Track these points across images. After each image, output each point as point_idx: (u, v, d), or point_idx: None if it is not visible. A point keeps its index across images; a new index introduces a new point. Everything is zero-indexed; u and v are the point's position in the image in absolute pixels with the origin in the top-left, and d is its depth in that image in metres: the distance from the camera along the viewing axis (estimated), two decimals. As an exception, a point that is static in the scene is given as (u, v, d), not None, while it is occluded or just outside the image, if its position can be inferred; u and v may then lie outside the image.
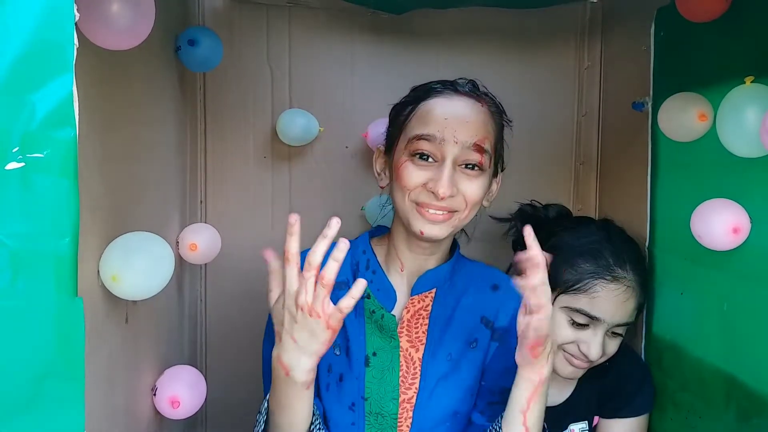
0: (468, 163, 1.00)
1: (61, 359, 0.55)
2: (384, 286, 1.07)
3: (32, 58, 0.53)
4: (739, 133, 0.91)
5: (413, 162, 1.00)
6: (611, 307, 1.14)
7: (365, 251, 1.11)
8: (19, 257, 0.53)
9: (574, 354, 1.16)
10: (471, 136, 0.99)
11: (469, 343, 1.07)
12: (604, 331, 1.14)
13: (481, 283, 1.12)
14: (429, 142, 0.98)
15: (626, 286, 1.15)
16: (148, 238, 0.81)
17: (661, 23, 1.21)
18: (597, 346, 1.13)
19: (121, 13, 0.68)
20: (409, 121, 1.03)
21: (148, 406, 1.04)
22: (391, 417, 1.03)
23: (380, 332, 1.05)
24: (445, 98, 1.02)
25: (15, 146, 0.52)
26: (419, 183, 0.99)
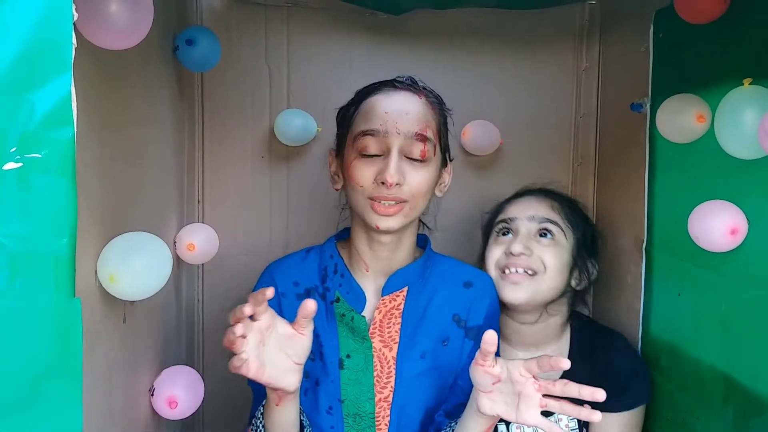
0: (412, 156, 1.03)
1: (58, 359, 0.55)
2: (353, 288, 1.09)
3: (31, 57, 0.53)
4: (737, 134, 0.91)
5: (361, 159, 1.03)
6: (520, 207, 1.25)
7: (332, 255, 1.13)
8: (17, 257, 0.53)
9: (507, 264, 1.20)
10: (412, 125, 1.02)
11: (441, 341, 1.09)
12: (525, 231, 1.21)
13: (454, 280, 1.14)
14: (373, 137, 1.02)
15: (532, 195, 1.27)
16: (146, 239, 0.81)
17: (660, 25, 1.21)
18: (518, 241, 1.20)
19: (119, 13, 0.68)
20: (354, 120, 1.07)
21: (146, 406, 1.03)
22: (368, 417, 1.05)
23: (352, 334, 1.07)
24: (384, 94, 1.06)
25: (13, 146, 0.52)
26: (370, 178, 1.01)
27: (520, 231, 1.22)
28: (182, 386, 1.05)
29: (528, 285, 1.18)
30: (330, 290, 1.10)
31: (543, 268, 1.19)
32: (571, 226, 1.24)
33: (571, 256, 1.22)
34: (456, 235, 1.46)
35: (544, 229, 1.21)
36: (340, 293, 1.09)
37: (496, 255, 1.24)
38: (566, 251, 1.22)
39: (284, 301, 1.09)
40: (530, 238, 1.21)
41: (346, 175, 1.06)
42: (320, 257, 1.14)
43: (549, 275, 1.19)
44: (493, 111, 1.49)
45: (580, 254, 1.24)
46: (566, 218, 1.24)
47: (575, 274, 1.24)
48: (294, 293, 1.10)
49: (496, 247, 1.24)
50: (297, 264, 1.14)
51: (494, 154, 1.50)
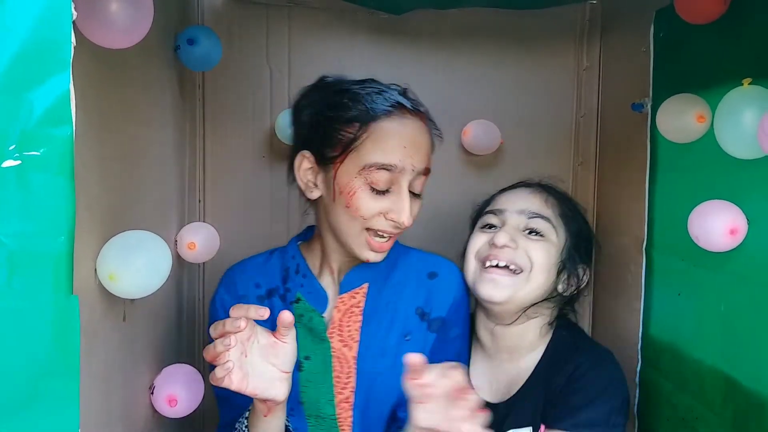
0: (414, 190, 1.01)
1: (56, 358, 0.55)
2: (314, 288, 1.07)
3: (30, 56, 0.53)
4: (737, 134, 0.91)
5: (370, 193, 0.97)
6: (512, 197, 1.17)
7: (294, 256, 1.11)
8: (15, 255, 0.53)
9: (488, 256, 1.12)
10: (423, 161, 1.00)
11: (403, 336, 1.06)
12: (513, 225, 1.13)
13: (418, 272, 1.11)
14: (389, 172, 0.97)
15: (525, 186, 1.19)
16: (146, 237, 0.81)
17: (661, 25, 1.21)
18: (503, 232, 1.12)
19: (119, 12, 0.68)
20: (361, 143, 0.97)
21: (146, 404, 1.04)
22: (330, 419, 1.04)
23: (311, 335, 1.05)
24: (398, 123, 0.99)
25: (12, 144, 0.52)
26: (376, 213, 0.98)
27: (507, 223, 1.14)
28: (182, 384, 1.05)
29: (509, 283, 1.10)
30: (291, 291, 1.08)
31: (529, 265, 1.10)
32: (564, 224, 1.16)
33: (561, 256, 1.14)
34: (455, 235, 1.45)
35: (533, 227, 1.13)
36: (301, 293, 1.07)
37: (477, 245, 1.15)
38: (556, 250, 1.13)
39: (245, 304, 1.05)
40: (517, 232, 1.13)
41: (341, 199, 0.99)
42: (282, 258, 1.12)
43: (534, 274, 1.11)
44: (494, 110, 1.49)
45: (570, 257, 1.15)
46: (560, 216, 1.16)
47: (563, 277, 1.14)
48: (255, 295, 1.09)
49: (478, 237, 1.16)
50: (259, 265, 1.12)
51: (495, 154, 1.50)
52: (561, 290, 1.15)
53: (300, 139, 1.08)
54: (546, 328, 1.17)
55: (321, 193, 1.04)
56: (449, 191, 1.46)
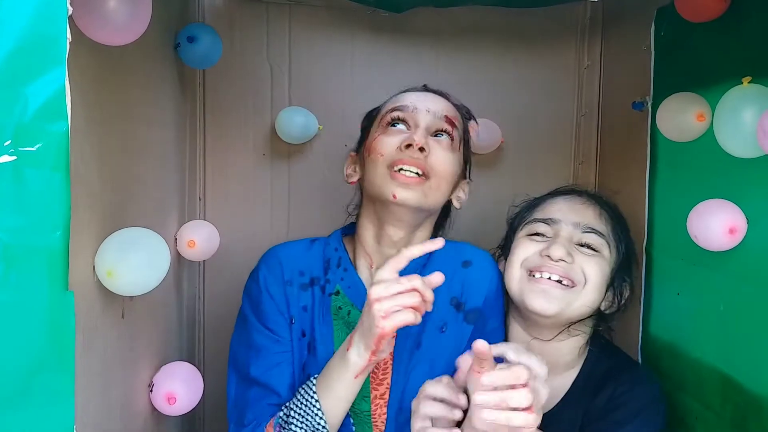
0: (440, 130, 1.03)
1: (52, 353, 0.56)
2: (354, 283, 1.06)
3: (25, 51, 0.53)
4: (736, 133, 0.91)
5: (386, 132, 1.03)
6: (566, 207, 1.11)
7: (337, 248, 1.10)
8: (11, 250, 0.53)
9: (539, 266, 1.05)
10: (442, 107, 1.05)
11: (438, 328, 1.04)
12: (567, 237, 1.07)
13: (452, 261, 1.08)
14: (402, 111, 1.03)
15: (579, 195, 1.14)
16: (144, 234, 0.81)
17: (661, 23, 1.21)
18: (558, 244, 1.05)
19: (117, 10, 0.68)
20: (382, 108, 1.08)
21: (145, 401, 1.04)
22: (365, 415, 1.02)
23: (348, 329, 1.02)
24: (417, 92, 1.09)
25: (7, 139, 0.52)
26: (394, 146, 1.00)
27: (560, 235, 1.07)
28: (181, 382, 1.05)
29: (561, 296, 1.04)
30: (330, 282, 1.07)
31: (583, 281, 1.05)
32: (615, 241, 1.10)
33: (612, 273, 1.08)
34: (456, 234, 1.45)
35: (587, 242, 1.07)
36: (341, 287, 1.06)
37: (525, 253, 1.08)
38: (608, 267, 1.08)
39: (290, 290, 1.06)
40: (571, 245, 1.07)
41: (366, 156, 1.04)
42: (324, 249, 1.10)
43: (588, 290, 1.05)
44: (495, 109, 1.48)
45: (619, 273, 1.10)
46: (612, 231, 1.10)
47: (609, 294, 1.09)
48: (299, 282, 1.07)
49: (526, 245, 1.09)
50: (302, 252, 1.10)
51: (495, 153, 1.50)
52: (604, 308, 1.10)
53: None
54: (584, 347, 1.13)
55: (359, 175, 1.08)
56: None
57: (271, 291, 1.06)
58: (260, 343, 1.04)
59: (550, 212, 1.11)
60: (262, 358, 1.03)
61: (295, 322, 1.05)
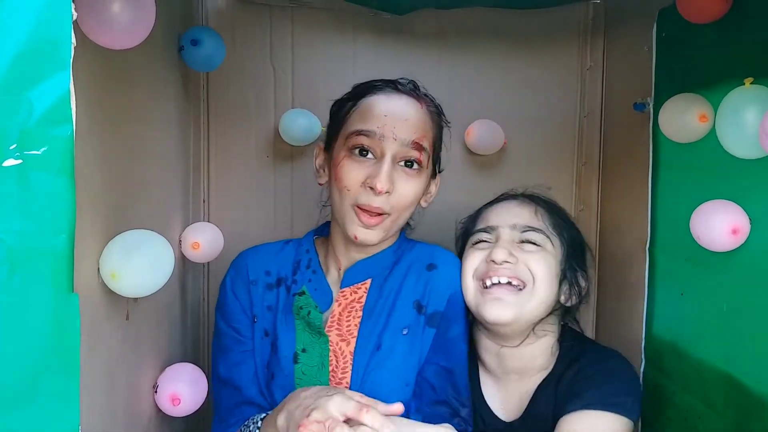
0: (407, 160, 1.00)
1: (56, 355, 0.56)
2: (321, 286, 1.07)
3: (30, 55, 0.53)
4: (739, 134, 0.91)
5: (352, 158, 0.99)
6: (502, 212, 1.13)
7: (308, 250, 1.12)
8: (16, 254, 0.54)
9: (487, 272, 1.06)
10: (410, 133, 0.99)
11: (400, 330, 1.04)
12: (508, 239, 1.09)
13: (419, 264, 1.09)
14: (368, 137, 0.98)
15: (513, 198, 1.16)
16: (148, 236, 0.82)
17: (663, 24, 1.21)
18: (499, 247, 1.07)
19: (121, 13, 0.69)
20: (349, 116, 1.03)
21: (149, 403, 1.04)
22: None
23: (309, 329, 1.05)
24: (386, 95, 1.02)
25: (12, 143, 0.53)
26: (359, 180, 0.98)
27: (501, 238, 1.10)
28: (185, 383, 1.06)
29: (514, 301, 1.05)
30: (297, 283, 1.08)
31: (531, 278, 1.06)
32: (557, 234, 1.12)
33: (560, 266, 1.10)
34: (459, 234, 1.46)
35: (527, 239, 1.09)
36: (307, 288, 1.07)
37: (473, 263, 1.09)
38: (554, 260, 1.09)
39: (254, 290, 1.08)
40: (513, 245, 1.08)
41: (332, 174, 1.02)
42: (296, 250, 1.12)
43: (538, 286, 1.06)
44: (497, 110, 1.49)
45: (569, 265, 1.11)
46: (552, 225, 1.12)
47: (564, 287, 1.11)
48: (265, 282, 1.09)
49: (473, 255, 1.10)
50: (272, 253, 1.12)
51: (498, 154, 1.51)
52: (563, 301, 1.12)
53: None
54: (555, 345, 1.14)
55: (327, 177, 1.07)
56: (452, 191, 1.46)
57: (236, 291, 1.09)
58: (226, 344, 1.08)
59: (489, 220, 1.14)
60: (228, 358, 1.07)
61: (258, 321, 1.07)
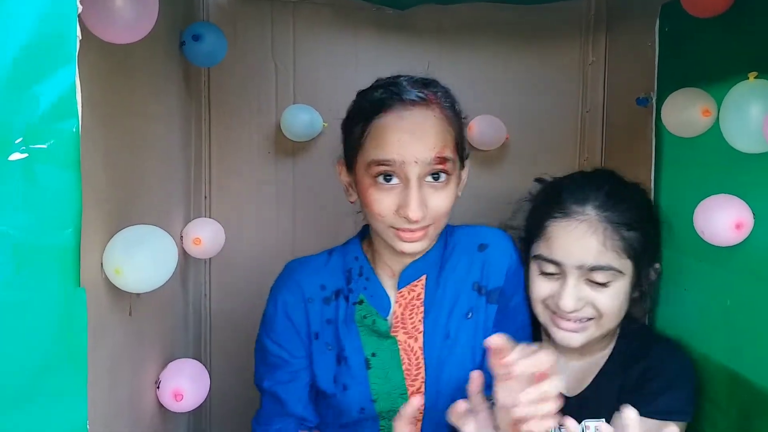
0: (433, 173, 0.96)
1: (63, 351, 0.56)
2: (378, 293, 1.06)
3: (35, 50, 0.53)
4: (743, 128, 0.91)
5: (377, 186, 0.95)
6: (566, 245, 1.04)
7: (357, 257, 1.08)
8: (22, 248, 0.54)
9: (556, 315, 1.07)
10: (429, 151, 0.94)
11: (464, 315, 1.05)
12: (574, 278, 1.04)
13: (469, 247, 1.08)
14: (389, 166, 0.94)
15: (579, 221, 1.04)
16: (151, 231, 0.82)
17: (666, 19, 1.21)
18: (567, 295, 1.03)
19: (124, 7, 0.69)
20: (364, 141, 0.97)
21: (152, 398, 1.04)
22: None
23: (376, 336, 1.04)
24: (396, 115, 0.95)
25: (18, 137, 0.53)
26: (391, 208, 0.95)
27: (567, 280, 1.04)
28: (188, 379, 1.06)
29: (583, 332, 1.06)
30: (353, 292, 1.06)
31: (597, 314, 1.05)
32: (629, 256, 1.05)
33: (631, 286, 1.08)
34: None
35: (595, 280, 1.04)
36: (364, 296, 1.05)
37: (542, 293, 1.08)
38: (624, 287, 1.06)
39: (311, 307, 1.06)
40: (580, 283, 1.05)
41: (362, 199, 0.99)
42: (344, 258, 1.09)
43: (606, 319, 1.06)
44: (499, 106, 1.48)
45: (640, 277, 1.09)
46: (622, 249, 1.04)
47: (635, 293, 1.10)
48: (321, 297, 1.06)
49: (541, 284, 1.08)
50: (321, 266, 1.09)
51: (500, 149, 1.50)
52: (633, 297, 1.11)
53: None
54: (617, 329, 1.14)
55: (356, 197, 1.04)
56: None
57: (290, 313, 1.06)
58: (272, 362, 1.07)
59: (554, 249, 1.06)
60: (274, 375, 1.06)
61: (320, 337, 1.06)
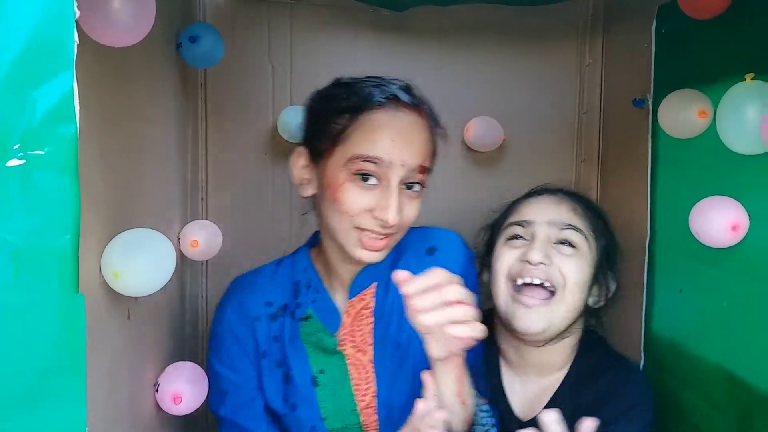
0: (411, 183, 0.94)
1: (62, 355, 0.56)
2: (327, 306, 1.02)
3: (33, 55, 0.53)
4: (739, 130, 0.91)
5: (355, 183, 0.92)
6: (539, 207, 1.09)
7: (306, 268, 1.05)
8: (21, 254, 0.53)
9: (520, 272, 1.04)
10: (416, 158, 0.93)
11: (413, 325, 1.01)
12: (544, 235, 1.06)
13: (418, 250, 1.04)
14: (375, 164, 0.91)
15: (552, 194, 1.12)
16: (150, 235, 0.81)
17: (663, 20, 1.21)
18: (536, 248, 1.04)
19: (121, 10, 0.68)
20: (348, 134, 0.93)
21: (151, 401, 1.04)
22: (355, 428, 1.00)
23: (324, 353, 1.01)
24: (389, 114, 0.93)
25: (16, 143, 0.52)
26: (363, 208, 0.92)
27: (537, 236, 1.06)
28: (187, 382, 1.05)
29: (545, 311, 1.04)
30: (301, 306, 1.03)
31: (563, 283, 1.05)
32: (594, 234, 1.09)
33: (593, 270, 1.08)
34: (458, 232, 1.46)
35: (566, 238, 1.06)
36: (312, 310, 1.02)
37: (507, 262, 1.07)
38: (589, 264, 1.08)
39: (258, 326, 1.03)
40: (549, 245, 1.06)
41: (327, 193, 0.95)
42: (292, 269, 1.06)
43: (568, 293, 1.05)
44: (496, 107, 1.49)
45: (601, 268, 1.10)
46: (590, 225, 1.09)
47: (594, 290, 1.10)
48: (267, 314, 1.03)
49: (507, 254, 1.08)
50: (267, 280, 1.06)
51: (497, 151, 1.50)
52: (591, 303, 1.11)
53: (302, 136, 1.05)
54: (575, 345, 1.13)
55: (314, 191, 1.00)
56: (451, 188, 1.47)
57: (238, 333, 1.04)
58: (226, 388, 1.05)
59: (525, 214, 1.10)
60: (228, 401, 1.04)
61: (267, 356, 1.03)
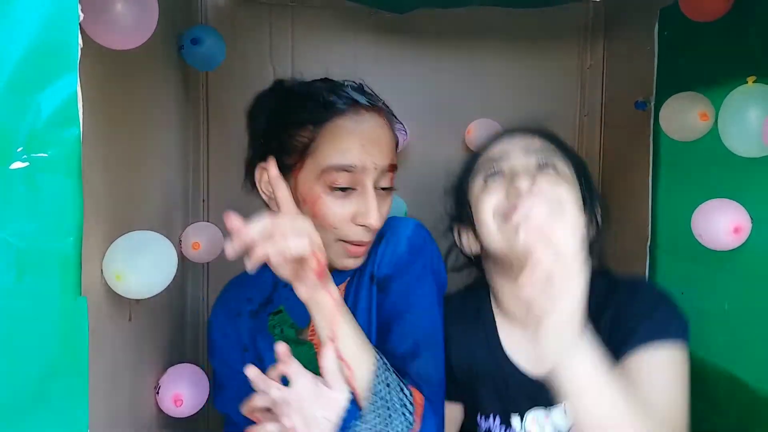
0: (382, 187, 0.95)
1: (65, 358, 0.56)
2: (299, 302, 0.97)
3: (37, 58, 0.53)
4: (741, 133, 0.91)
5: (332, 194, 0.92)
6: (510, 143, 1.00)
7: None
8: (24, 256, 0.54)
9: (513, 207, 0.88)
10: (385, 158, 0.94)
11: (367, 311, 1.00)
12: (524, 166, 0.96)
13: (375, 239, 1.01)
14: (349, 173, 0.91)
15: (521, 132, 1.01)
16: (152, 237, 0.82)
17: (665, 23, 1.21)
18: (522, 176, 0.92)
19: (124, 13, 0.68)
20: (317, 146, 0.92)
21: (152, 404, 1.04)
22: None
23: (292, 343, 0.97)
24: (353, 120, 0.93)
25: (19, 146, 0.53)
26: (346, 218, 0.92)
27: (517, 165, 0.96)
28: (187, 384, 1.06)
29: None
30: (273, 302, 1.04)
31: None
32: (570, 160, 1.00)
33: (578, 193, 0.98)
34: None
35: (545, 161, 0.97)
36: (285, 306, 1.03)
37: (492, 201, 0.96)
38: (575, 185, 0.98)
39: (240, 322, 1.06)
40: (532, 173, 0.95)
41: (306, 209, 0.93)
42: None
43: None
44: (497, 109, 1.49)
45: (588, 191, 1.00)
46: (560, 147, 1.01)
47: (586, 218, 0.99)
48: (248, 310, 1.06)
49: (489, 193, 0.97)
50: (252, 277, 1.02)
51: (498, 153, 1.50)
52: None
53: (257, 149, 1.02)
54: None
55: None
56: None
57: (224, 329, 1.07)
58: (219, 382, 1.07)
59: (496, 152, 1.00)
60: (222, 395, 1.06)
61: (249, 350, 1.05)
